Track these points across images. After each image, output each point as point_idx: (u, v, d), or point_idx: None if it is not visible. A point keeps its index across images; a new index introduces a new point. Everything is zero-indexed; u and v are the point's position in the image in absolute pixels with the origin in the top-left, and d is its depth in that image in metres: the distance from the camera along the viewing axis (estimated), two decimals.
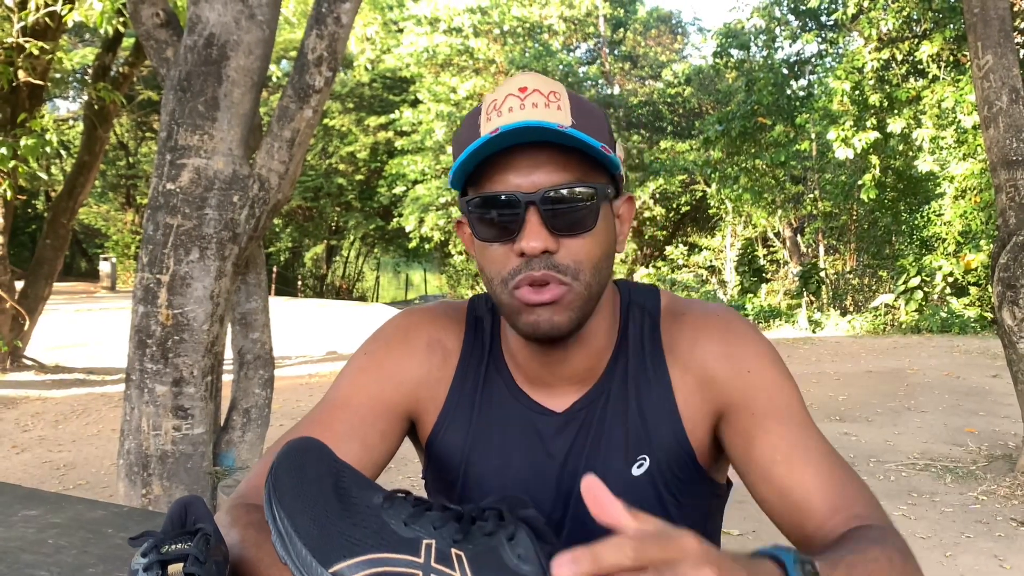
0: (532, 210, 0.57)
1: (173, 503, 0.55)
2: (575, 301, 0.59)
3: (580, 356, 0.65)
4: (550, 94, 0.58)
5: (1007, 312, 3.03)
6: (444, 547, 0.35)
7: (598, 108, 0.62)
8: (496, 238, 0.59)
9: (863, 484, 0.58)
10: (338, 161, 17.63)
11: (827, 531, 0.54)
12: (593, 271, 0.59)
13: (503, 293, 0.60)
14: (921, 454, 3.52)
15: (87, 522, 0.76)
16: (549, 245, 0.57)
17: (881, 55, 8.36)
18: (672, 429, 0.64)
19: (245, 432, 2.35)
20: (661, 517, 0.63)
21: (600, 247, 0.60)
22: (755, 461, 0.59)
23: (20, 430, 4.34)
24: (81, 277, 19.56)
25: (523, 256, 0.57)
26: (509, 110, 0.57)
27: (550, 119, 0.56)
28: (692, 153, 12.29)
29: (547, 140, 0.56)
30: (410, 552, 0.35)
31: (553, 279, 0.58)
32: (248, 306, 2.42)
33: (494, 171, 0.58)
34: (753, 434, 0.60)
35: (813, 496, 0.56)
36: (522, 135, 0.55)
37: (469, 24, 13.86)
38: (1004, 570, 2.31)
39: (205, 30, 2.07)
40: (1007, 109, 3.05)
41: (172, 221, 2.06)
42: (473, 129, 0.60)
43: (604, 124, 0.61)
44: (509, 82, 0.60)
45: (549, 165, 0.57)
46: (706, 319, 0.66)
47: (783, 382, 0.63)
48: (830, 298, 10.38)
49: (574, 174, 0.57)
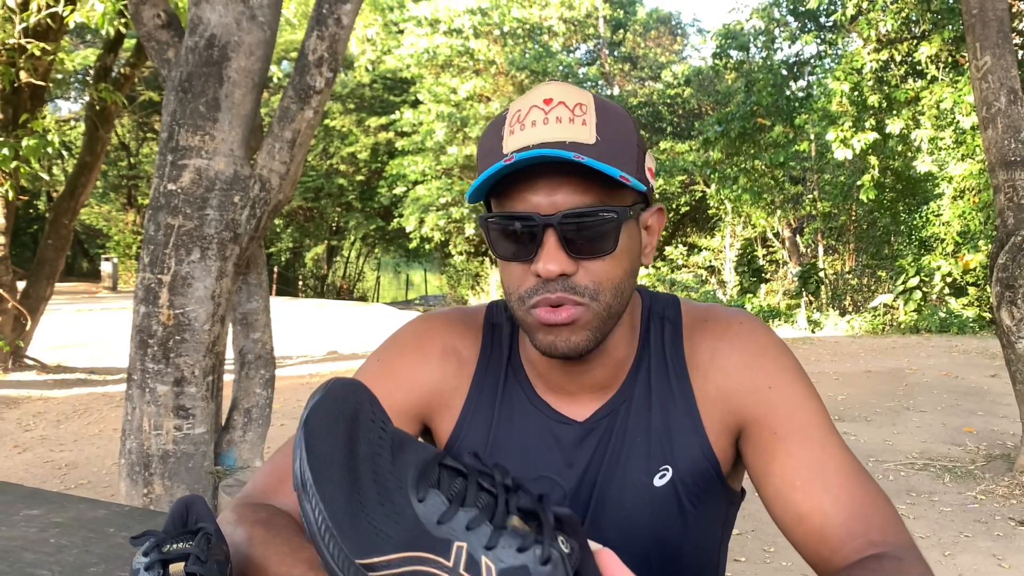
0: (550, 232, 0.55)
1: (175, 502, 0.56)
2: (593, 321, 0.58)
3: (601, 367, 0.64)
4: (576, 107, 0.57)
5: (1005, 312, 3.04)
6: (475, 552, 0.34)
7: (627, 117, 0.60)
8: (514, 257, 0.58)
9: (884, 504, 0.57)
10: (339, 162, 17.65)
11: (844, 556, 0.54)
12: (613, 292, 0.58)
13: (520, 309, 0.59)
14: (920, 454, 3.53)
15: (89, 521, 0.77)
16: (566, 268, 0.56)
17: (880, 56, 8.37)
18: (697, 441, 0.63)
19: (246, 432, 2.36)
20: (680, 527, 0.63)
21: (621, 267, 0.59)
22: (773, 484, 0.59)
23: (22, 430, 4.34)
24: (83, 277, 19.57)
25: (539, 277, 0.57)
26: (532, 124, 0.56)
27: (573, 136, 0.55)
28: (692, 154, 12.30)
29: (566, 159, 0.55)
30: (441, 554, 0.35)
31: (569, 301, 0.57)
32: (249, 306, 2.42)
33: (515, 189, 0.56)
34: (773, 455, 0.59)
35: (830, 522, 0.55)
36: (533, 161, 0.54)
37: (469, 25, 13.87)
38: (1003, 569, 2.31)
39: (206, 31, 2.08)
40: (1005, 110, 3.05)
41: (173, 221, 2.07)
42: (496, 141, 0.58)
43: (632, 137, 0.59)
44: (536, 91, 0.59)
45: (570, 186, 0.55)
46: (728, 328, 0.65)
47: (805, 397, 0.61)
48: (829, 298, 10.39)
49: (596, 196, 0.56)
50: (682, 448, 0.63)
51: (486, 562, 0.34)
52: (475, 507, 0.36)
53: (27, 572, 0.64)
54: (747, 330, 0.65)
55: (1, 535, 0.72)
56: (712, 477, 0.64)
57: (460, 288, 16.21)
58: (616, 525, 0.63)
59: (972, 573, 2.28)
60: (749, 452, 0.62)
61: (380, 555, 0.35)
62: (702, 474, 0.63)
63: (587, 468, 0.64)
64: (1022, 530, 2.61)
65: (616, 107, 0.60)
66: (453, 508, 0.35)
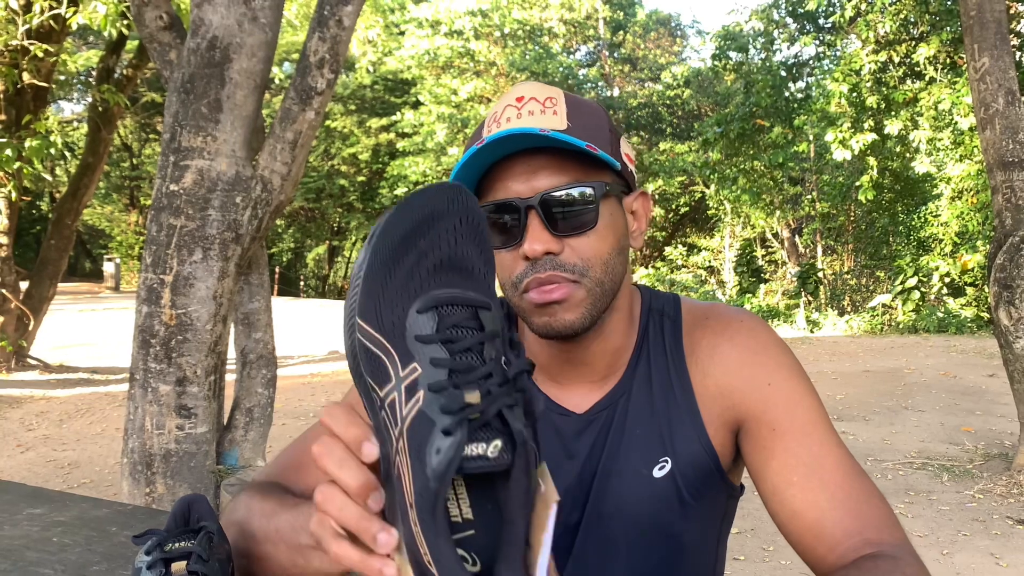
0: (532, 214, 0.58)
1: (177, 501, 0.56)
2: (587, 298, 0.60)
3: (599, 351, 0.65)
4: (546, 100, 0.59)
5: (1003, 312, 3.04)
6: (421, 383, 0.35)
7: (599, 108, 0.62)
8: (503, 244, 0.60)
9: (880, 502, 0.57)
10: (340, 162, 17.71)
11: (839, 554, 0.54)
12: (603, 267, 0.60)
13: (515, 296, 0.61)
14: (918, 453, 3.54)
15: (91, 520, 0.77)
16: (551, 246, 0.58)
17: (878, 57, 8.40)
18: (696, 434, 0.64)
19: (248, 431, 2.37)
20: (679, 519, 0.63)
21: (607, 243, 0.60)
22: (770, 480, 0.59)
23: (25, 429, 4.35)
24: (85, 277, 19.63)
25: (528, 259, 0.58)
26: (507, 120, 0.59)
27: (544, 125, 0.57)
28: (691, 155, 12.34)
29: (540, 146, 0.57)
30: (402, 360, 0.36)
31: (559, 278, 0.58)
32: (251, 306, 2.43)
33: (495, 180, 0.59)
34: (771, 451, 0.60)
35: (826, 520, 0.55)
36: (508, 144, 0.57)
37: (470, 27, 13.92)
38: (1000, 568, 2.32)
39: (208, 33, 2.09)
40: (1003, 111, 3.06)
41: (175, 222, 2.08)
42: (477, 141, 0.60)
43: (603, 123, 0.61)
44: (510, 92, 0.62)
45: (547, 169, 0.58)
46: (728, 325, 0.66)
47: (804, 395, 0.62)
48: (828, 298, 10.42)
49: (572, 175, 0.58)
50: (681, 440, 0.64)
51: (421, 395, 0.35)
52: (454, 357, 0.35)
53: (30, 571, 0.64)
54: (748, 328, 0.65)
55: (4, 534, 0.72)
56: (711, 470, 0.64)
57: None
58: (616, 516, 0.64)
59: (970, 572, 2.29)
60: (748, 448, 0.62)
61: (368, 324, 0.38)
62: (701, 467, 0.64)
63: (587, 459, 0.64)
64: (1020, 529, 2.62)
65: (588, 101, 0.62)
66: (434, 339, 0.36)
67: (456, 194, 0.40)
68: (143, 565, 0.49)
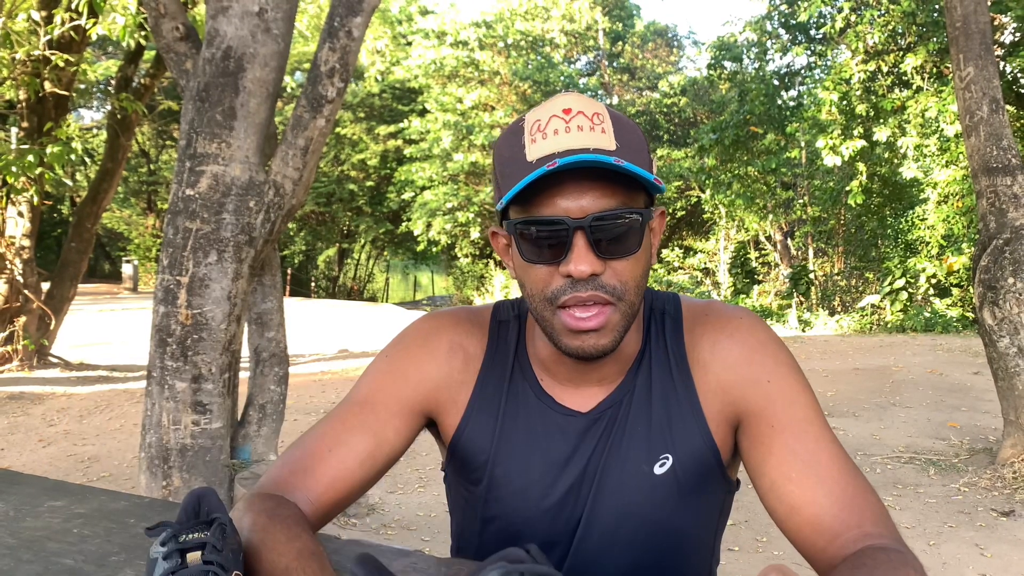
0: (580, 235, 0.57)
1: (187, 495, 0.56)
2: (620, 321, 0.60)
3: (612, 362, 0.66)
4: (594, 116, 0.59)
5: (987, 312, 3.08)
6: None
7: (635, 126, 0.62)
8: (542, 259, 0.59)
9: (874, 497, 0.58)
10: (350, 168, 17.82)
11: (839, 546, 0.55)
12: (636, 289, 0.61)
13: (546, 310, 0.60)
14: (906, 448, 3.59)
15: (110, 512, 0.77)
16: (596, 268, 0.58)
17: (867, 67, 8.54)
18: (698, 430, 0.64)
19: (261, 426, 2.42)
20: (679, 514, 0.66)
21: (642, 266, 0.61)
22: (768, 475, 0.60)
23: (46, 425, 4.36)
24: (104, 279, 19.62)
25: (569, 278, 0.58)
26: (555, 132, 0.58)
27: (595, 143, 0.57)
28: (687, 160, 12.45)
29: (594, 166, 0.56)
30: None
31: (599, 299, 0.59)
32: (264, 306, 2.48)
33: (542, 194, 0.58)
34: (769, 447, 0.60)
35: (824, 514, 0.56)
36: (578, 165, 0.56)
37: (475, 38, 14.08)
38: (985, 558, 2.37)
39: (223, 43, 2.14)
40: (988, 118, 3.10)
41: (191, 225, 2.12)
42: (517, 149, 0.59)
43: (643, 143, 0.61)
44: (552, 102, 0.60)
45: (596, 190, 0.57)
46: (727, 323, 0.66)
47: (800, 392, 0.63)
48: (819, 299, 10.54)
49: (620, 199, 0.58)
50: (682, 437, 0.65)
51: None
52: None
53: (51, 561, 0.66)
54: (746, 325, 0.66)
55: (26, 525, 0.73)
56: (712, 465, 0.65)
57: (466, 289, 16.29)
58: (616, 511, 0.65)
59: (955, 562, 2.34)
60: (746, 444, 0.63)
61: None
62: (702, 462, 0.65)
63: (590, 457, 0.66)
64: (1004, 521, 2.66)
65: (625, 117, 0.63)
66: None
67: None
68: (159, 556, 0.50)
